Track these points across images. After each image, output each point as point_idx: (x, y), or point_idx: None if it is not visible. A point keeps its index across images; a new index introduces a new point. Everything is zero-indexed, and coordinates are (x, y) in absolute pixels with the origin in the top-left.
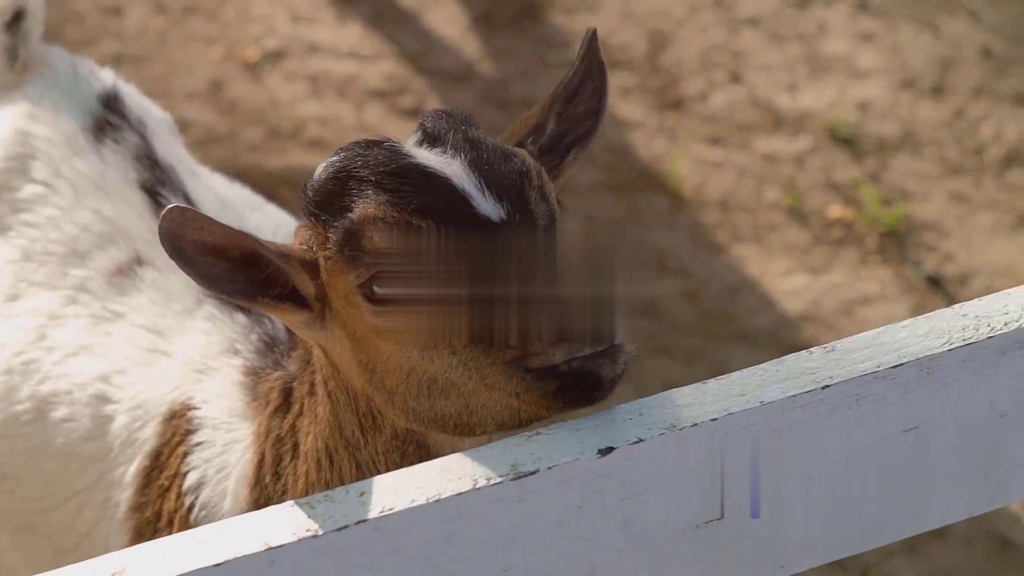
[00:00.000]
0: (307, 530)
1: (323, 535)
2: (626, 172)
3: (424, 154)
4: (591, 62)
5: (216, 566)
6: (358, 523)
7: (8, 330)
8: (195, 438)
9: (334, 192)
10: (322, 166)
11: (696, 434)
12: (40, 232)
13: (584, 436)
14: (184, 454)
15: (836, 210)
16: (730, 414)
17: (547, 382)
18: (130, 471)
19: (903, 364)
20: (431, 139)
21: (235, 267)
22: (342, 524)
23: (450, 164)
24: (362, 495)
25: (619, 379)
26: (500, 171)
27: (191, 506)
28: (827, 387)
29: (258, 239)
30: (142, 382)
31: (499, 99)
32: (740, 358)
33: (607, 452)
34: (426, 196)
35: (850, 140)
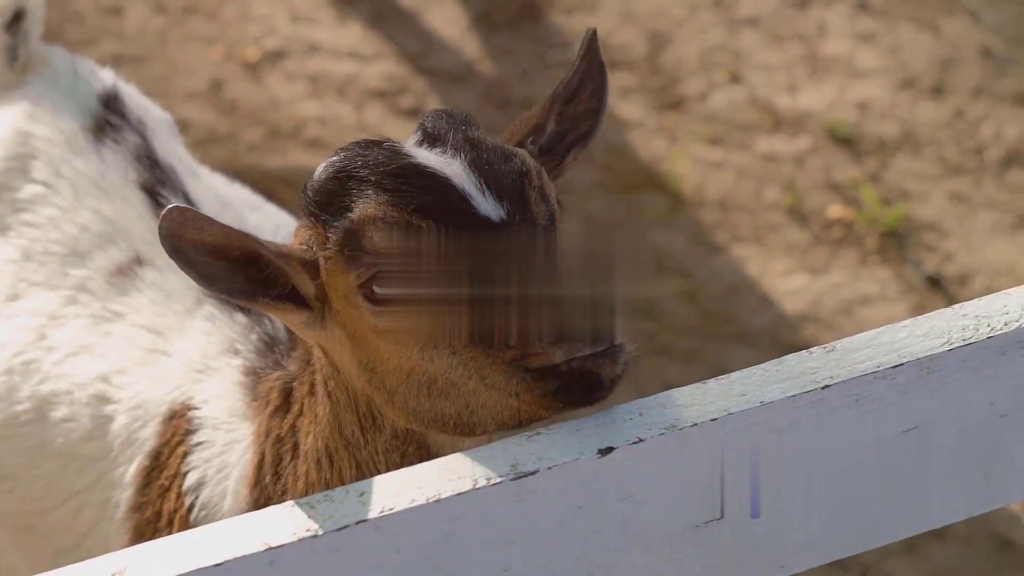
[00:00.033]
0: (307, 530)
1: (323, 535)
2: (625, 172)
3: (424, 154)
4: (591, 62)
5: (216, 566)
6: (358, 523)
7: (8, 330)
8: (195, 438)
9: (334, 192)
10: (322, 166)
11: (696, 434)
12: (40, 232)
13: (584, 436)
14: (184, 454)
15: (836, 210)
16: (730, 414)
17: (547, 382)
18: (130, 471)
19: (903, 364)
20: (431, 139)
21: (235, 267)
22: (342, 524)
23: (450, 164)
24: (362, 495)
25: (619, 379)
26: (500, 171)
27: (191, 506)
28: (827, 387)
29: (258, 239)
30: (142, 382)
31: (499, 99)
32: (740, 358)
33: (607, 452)
34: (426, 196)
35: (850, 140)
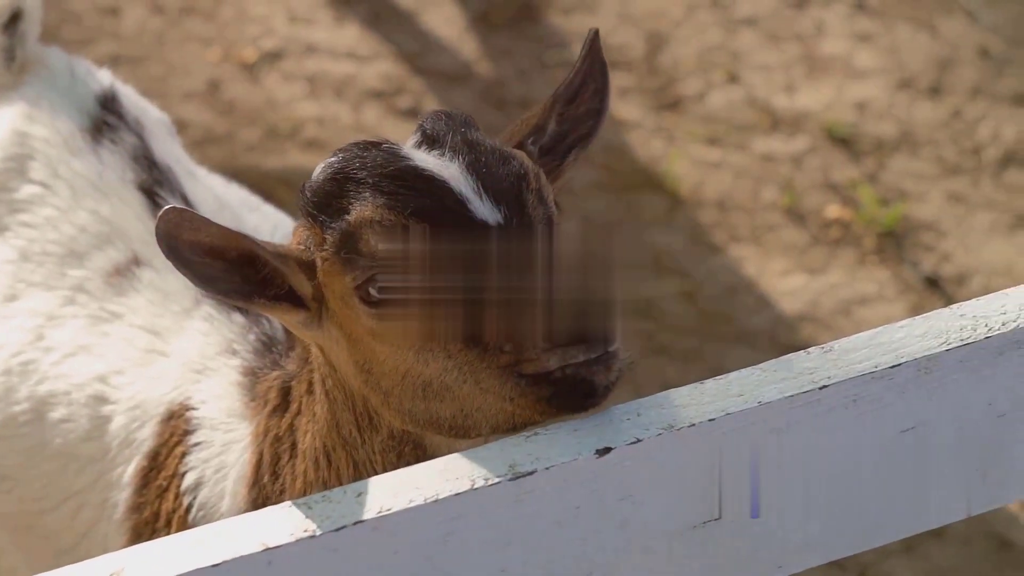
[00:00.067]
0: (305, 531)
1: (321, 535)
2: (623, 172)
3: (422, 156)
4: (593, 62)
5: (214, 567)
6: (356, 523)
7: (6, 331)
8: (193, 438)
9: (332, 193)
10: (320, 167)
11: (694, 434)
12: (38, 233)
13: (582, 436)
14: (182, 454)
15: (834, 210)
16: (728, 414)
17: (541, 388)
18: (128, 471)
19: (901, 364)
20: (430, 141)
21: (231, 267)
22: (340, 524)
23: (448, 167)
24: (360, 495)
25: (613, 386)
26: (498, 174)
27: (189, 506)
28: (825, 387)
29: (255, 239)
30: (140, 383)
31: (497, 99)
32: (738, 358)
33: (605, 452)
34: (423, 199)
35: (848, 140)
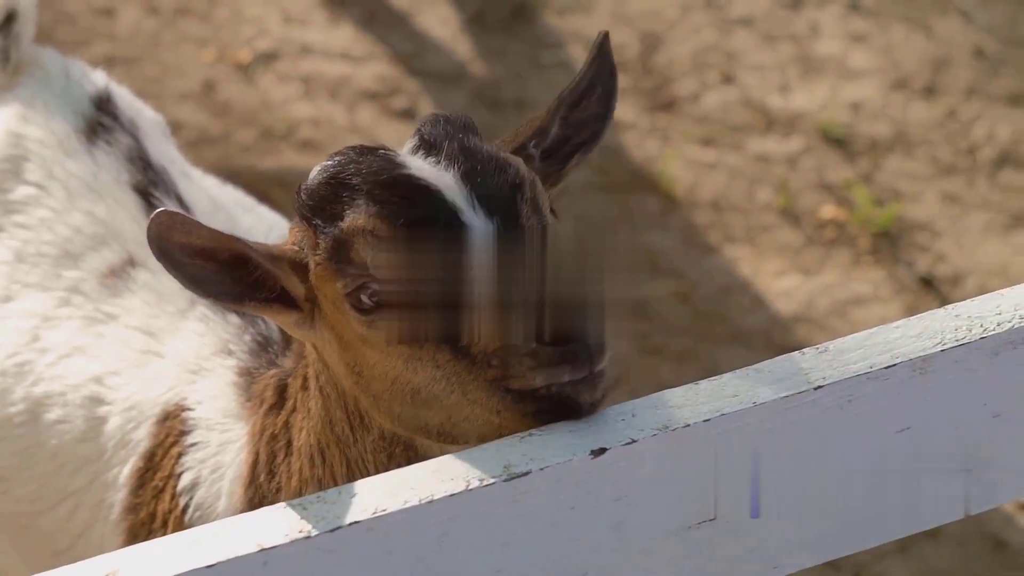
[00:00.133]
0: (300, 531)
1: (316, 536)
2: (618, 173)
3: (418, 163)
4: (601, 65)
5: (209, 567)
6: (351, 524)
7: (1, 332)
8: (189, 439)
9: (326, 198)
10: (317, 169)
11: (689, 435)
12: (33, 234)
13: (577, 437)
14: (178, 455)
15: (828, 211)
16: (723, 415)
17: (526, 404)
18: (124, 472)
19: (896, 365)
20: (427, 146)
21: (223, 270)
22: (335, 525)
23: (443, 176)
24: (355, 496)
25: (599, 404)
26: (493, 184)
27: (185, 507)
28: (820, 388)
29: (247, 242)
30: (135, 383)
31: (492, 100)
32: (733, 359)
33: (600, 453)
34: (416, 209)
35: (842, 141)
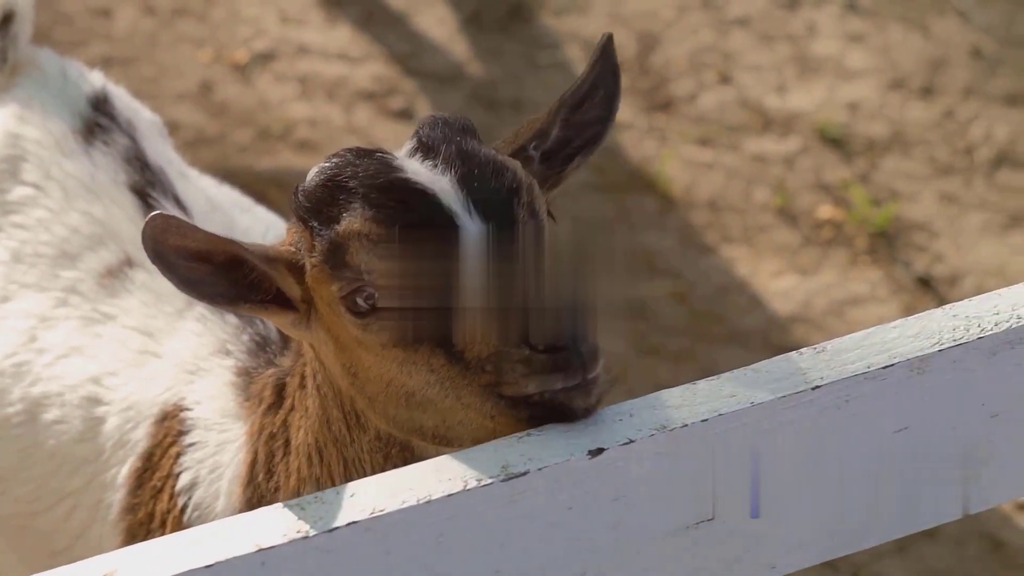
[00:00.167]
0: (298, 531)
1: (314, 536)
2: (615, 173)
3: (415, 167)
4: (605, 67)
5: (207, 567)
6: (349, 524)
7: None
8: (187, 439)
9: (323, 200)
10: (314, 171)
11: (686, 435)
12: (30, 234)
13: (574, 437)
14: (177, 455)
15: (826, 211)
16: (720, 415)
17: (520, 410)
18: (122, 473)
19: (893, 365)
20: (425, 149)
21: (219, 272)
22: (333, 525)
23: (439, 180)
24: (353, 496)
25: (594, 409)
26: (489, 188)
27: (184, 507)
28: (817, 388)
29: (242, 244)
30: (133, 384)
31: (488, 100)
32: (730, 359)
33: (597, 453)
34: (412, 214)
35: (840, 141)
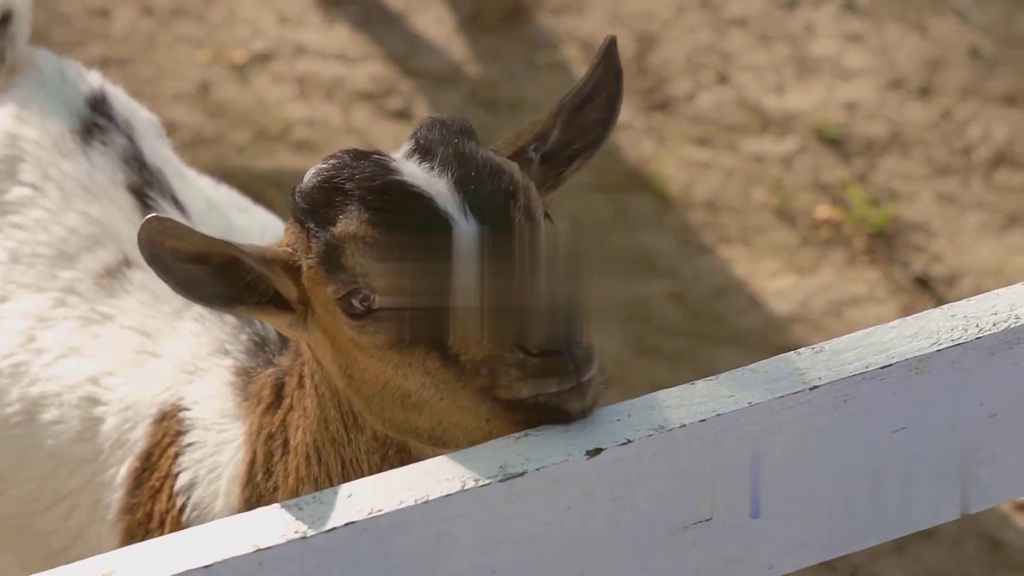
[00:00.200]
0: (296, 532)
1: (311, 536)
2: (613, 173)
3: (412, 169)
4: (607, 69)
5: (205, 568)
6: (346, 525)
7: None
8: (186, 439)
9: (320, 202)
10: (311, 172)
11: (684, 435)
12: (28, 234)
13: (572, 437)
14: (175, 455)
15: (824, 211)
16: (718, 415)
17: (515, 412)
18: (121, 473)
19: (892, 365)
20: (422, 151)
21: (215, 274)
22: (330, 526)
23: (436, 183)
24: (350, 496)
25: (589, 411)
26: (486, 191)
27: (183, 507)
28: (815, 388)
29: (238, 245)
30: (132, 384)
31: (487, 100)
32: (728, 359)
33: (595, 453)
34: (407, 216)
35: (838, 141)
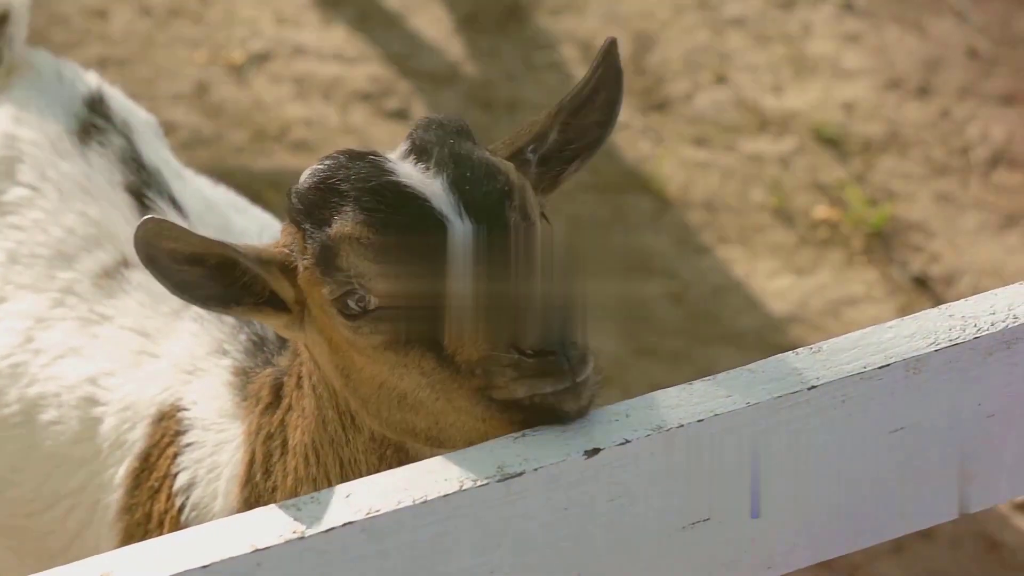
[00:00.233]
0: (293, 532)
1: (309, 537)
2: (611, 173)
3: (407, 170)
4: (607, 71)
5: (203, 568)
6: (344, 525)
7: None
8: (185, 439)
9: (315, 203)
10: (307, 172)
11: (682, 435)
12: (26, 235)
13: (570, 438)
14: (174, 455)
15: (822, 211)
16: (716, 415)
17: (511, 413)
18: (119, 473)
19: (890, 365)
20: (418, 152)
21: (212, 275)
22: (328, 526)
23: (431, 183)
24: (348, 497)
25: (585, 410)
26: (481, 192)
27: (182, 507)
28: (813, 388)
29: (235, 246)
30: (130, 384)
31: (484, 101)
32: (726, 359)
33: (593, 453)
34: (403, 217)
35: (835, 141)
